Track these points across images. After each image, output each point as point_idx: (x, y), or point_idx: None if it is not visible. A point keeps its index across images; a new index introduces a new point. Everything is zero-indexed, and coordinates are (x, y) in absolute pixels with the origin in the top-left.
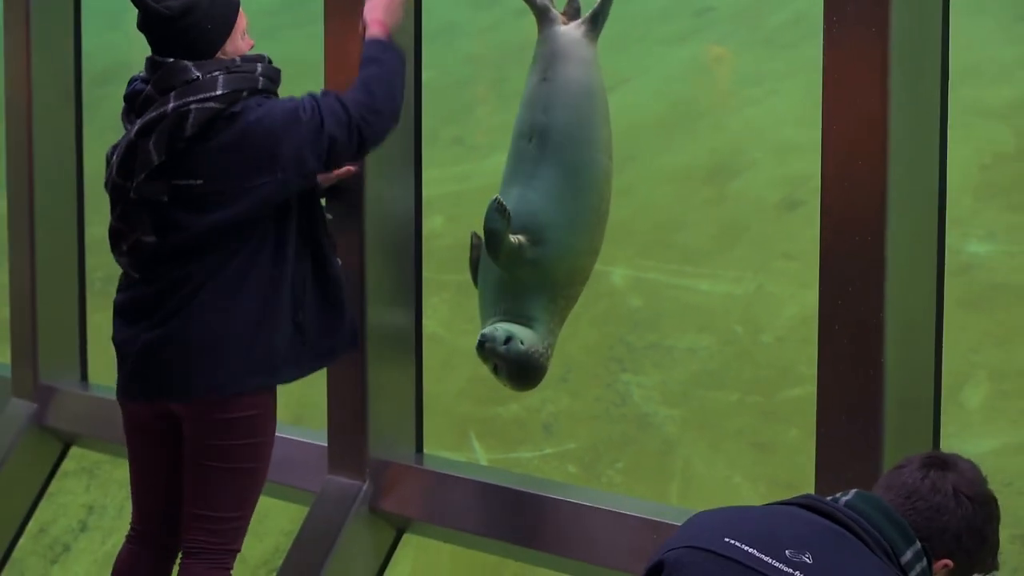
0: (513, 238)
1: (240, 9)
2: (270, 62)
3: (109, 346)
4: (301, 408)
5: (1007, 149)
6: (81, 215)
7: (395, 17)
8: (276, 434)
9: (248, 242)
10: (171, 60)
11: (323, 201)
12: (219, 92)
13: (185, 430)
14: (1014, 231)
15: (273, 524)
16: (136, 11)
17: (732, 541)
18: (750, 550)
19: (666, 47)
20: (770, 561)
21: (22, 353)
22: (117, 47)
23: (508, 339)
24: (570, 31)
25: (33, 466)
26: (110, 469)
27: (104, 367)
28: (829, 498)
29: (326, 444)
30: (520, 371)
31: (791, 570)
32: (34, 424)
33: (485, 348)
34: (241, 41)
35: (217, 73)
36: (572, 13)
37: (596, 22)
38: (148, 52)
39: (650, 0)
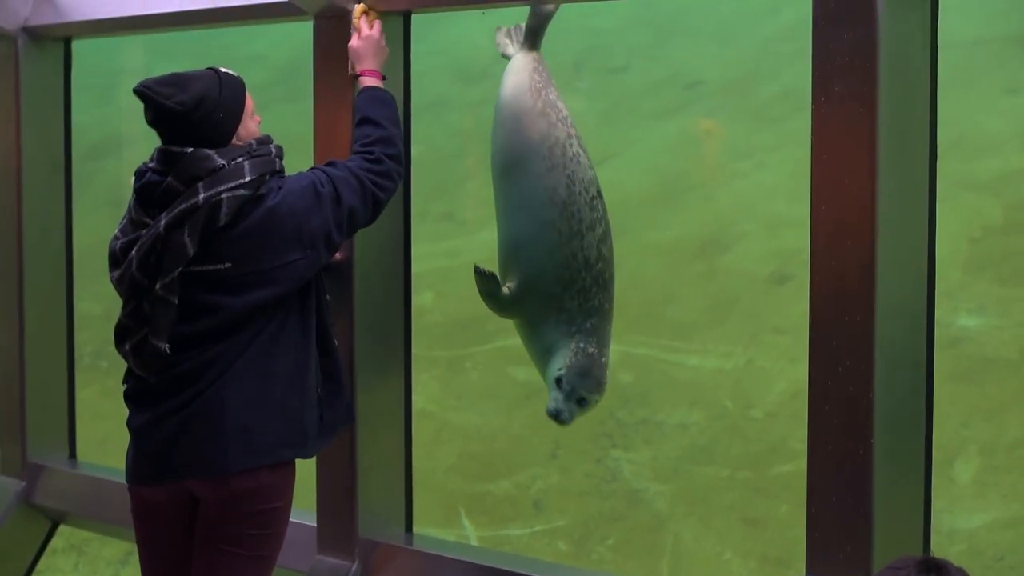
0: (504, 289)
1: (247, 95)
2: (274, 143)
3: (96, 424)
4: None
5: (996, 222)
6: (70, 290)
7: (383, 58)
8: None
9: (276, 315)
10: (190, 150)
11: None
12: (248, 179)
13: (204, 513)
14: (1004, 304)
15: None
16: (144, 105)
17: None
18: None
19: (655, 121)
20: None
21: (10, 430)
22: (109, 122)
23: (564, 404)
24: (512, 59)
25: (21, 544)
26: (99, 547)
27: (91, 444)
28: None
29: (315, 524)
30: (590, 393)
31: None
32: (22, 502)
33: (562, 419)
34: (251, 122)
35: (241, 159)
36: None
37: (527, 38)
38: (140, 127)
39: (639, 74)
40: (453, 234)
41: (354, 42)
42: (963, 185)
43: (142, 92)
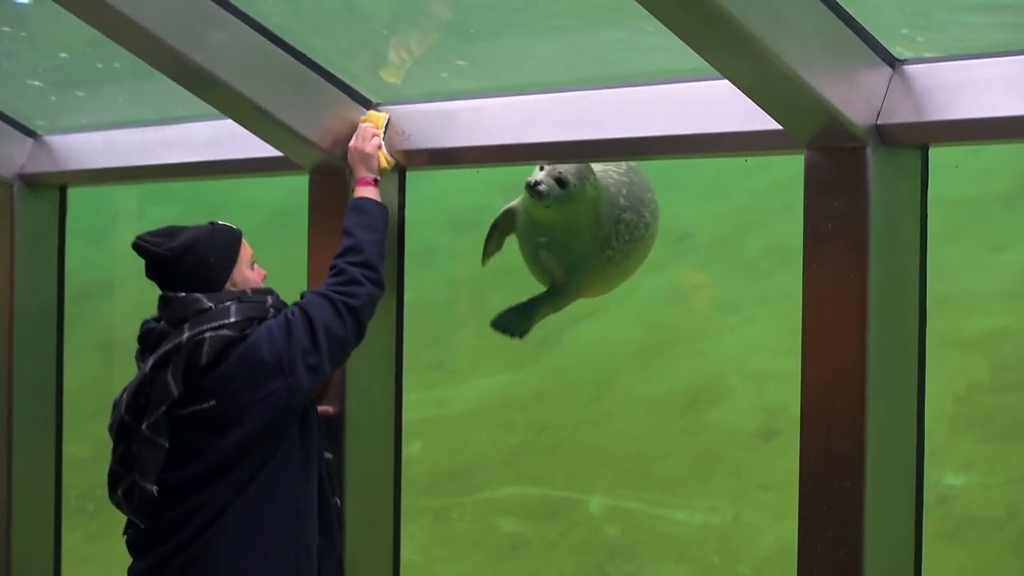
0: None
1: (242, 240)
2: (278, 296)
3: (81, 567)
4: None
5: (982, 380)
6: (59, 432)
7: (371, 163)
8: None
9: (273, 459)
10: (183, 294)
11: None
12: (232, 320)
13: None
14: (990, 462)
15: None
16: (143, 260)
17: None
18: None
19: (644, 274)
20: None
21: None
22: (99, 265)
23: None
24: None
25: None
26: None
27: None
28: None
29: None
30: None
31: None
32: None
33: (538, 186)
34: (249, 271)
35: (229, 303)
36: None
37: None
38: (131, 270)
39: None
40: (442, 383)
41: (350, 144)
42: (949, 343)
43: (136, 244)
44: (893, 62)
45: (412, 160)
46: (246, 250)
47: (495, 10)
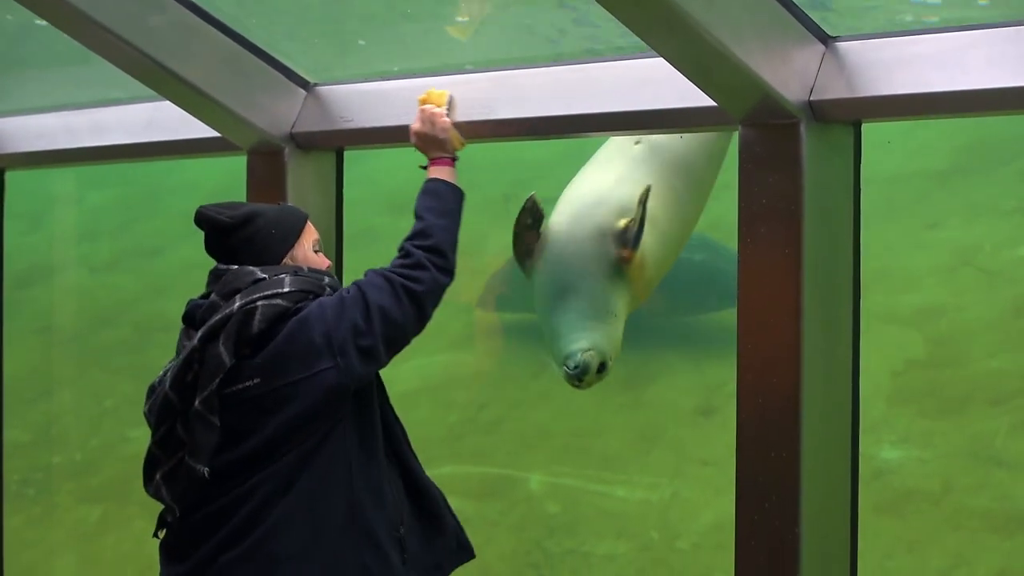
0: None
1: (308, 222)
2: (337, 280)
3: (23, 553)
4: None
5: (918, 355)
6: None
7: (443, 141)
8: None
9: (326, 443)
10: (236, 267)
11: None
12: (286, 290)
13: None
14: (926, 436)
15: None
16: (203, 232)
17: None
18: None
19: None
20: None
21: None
22: (37, 249)
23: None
24: None
25: None
26: None
27: (18, 574)
28: None
29: None
30: None
31: None
32: None
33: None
34: (312, 253)
35: (284, 275)
36: None
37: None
38: (69, 254)
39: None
40: None
41: (414, 128)
42: (885, 319)
43: (198, 212)
44: (826, 39)
45: (350, 139)
46: (311, 232)
47: None
